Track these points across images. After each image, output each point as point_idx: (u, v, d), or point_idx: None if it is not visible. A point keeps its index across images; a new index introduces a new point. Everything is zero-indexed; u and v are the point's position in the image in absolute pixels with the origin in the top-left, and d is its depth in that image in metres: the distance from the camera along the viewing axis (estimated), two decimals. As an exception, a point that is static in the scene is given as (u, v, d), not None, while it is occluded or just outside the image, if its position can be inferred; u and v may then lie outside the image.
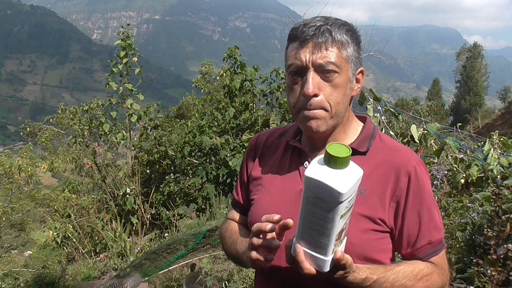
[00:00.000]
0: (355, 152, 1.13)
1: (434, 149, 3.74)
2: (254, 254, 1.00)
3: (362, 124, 1.20)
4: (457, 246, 2.51)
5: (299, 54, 1.05)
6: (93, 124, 9.68)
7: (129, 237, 5.74)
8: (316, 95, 1.05)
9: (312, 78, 1.04)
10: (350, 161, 0.88)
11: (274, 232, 0.98)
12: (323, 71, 1.05)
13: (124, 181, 6.81)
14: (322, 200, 0.86)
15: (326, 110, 1.07)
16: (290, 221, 0.95)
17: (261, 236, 0.99)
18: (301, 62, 1.05)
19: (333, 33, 1.05)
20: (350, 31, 1.09)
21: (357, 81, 1.13)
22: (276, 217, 0.97)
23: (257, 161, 1.27)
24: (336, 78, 1.06)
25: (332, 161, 0.86)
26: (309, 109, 1.07)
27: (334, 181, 0.84)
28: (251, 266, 1.08)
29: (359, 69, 1.12)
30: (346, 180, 0.85)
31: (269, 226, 0.97)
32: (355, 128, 1.18)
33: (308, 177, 0.87)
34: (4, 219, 8.29)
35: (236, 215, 1.34)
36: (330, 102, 1.06)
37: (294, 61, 1.06)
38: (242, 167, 1.33)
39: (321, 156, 0.90)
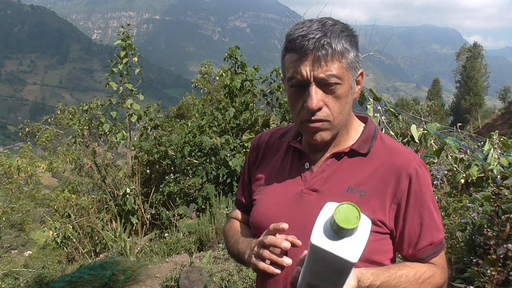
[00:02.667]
0: (356, 153, 1.13)
1: (434, 149, 3.74)
2: (262, 265, 1.04)
3: (363, 124, 1.20)
4: (457, 246, 2.51)
5: (300, 68, 1.03)
6: (93, 124, 9.69)
7: (129, 237, 5.74)
8: (319, 109, 1.04)
9: (315, 93, 1.03)
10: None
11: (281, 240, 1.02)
12: (326, 84, 1.03)
13: (124, 181, 6.81)
14: (333, 268, 0.81)
15: (330, 121, 1.06)
16: (299, 242, 1.01)
17: (270, 248, 1.03)
18: (302, 77, 1.03)
19: (333, 45, 1.01)
20: (349, 36, 1.06)
21: (357, 83, 1.12)
22: (284, 226, 1.01)
23: (259, 161, 1.28)
24: (338, 90, 1.04)
25: (342, 233, 0.79)
26: (313, 122, 1.06)
27: (346, 251, 0.78)
28: (254, 271, 1.10)
29: (359, 72, 1.11)
30: (357, 246, 0.80)
31: (284, 244, 1.00)
32: (356, 129, 1.18)
33: (316, 247, 0.80)
34: (4, 219, 8.29)
35: (238, 214, 1.35)
36: (333, 114, 1.06)
37: (295, 75, 1.04)
38: (244, 166, 1.34)
39: (325, 219, 0.83)
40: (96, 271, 3.37)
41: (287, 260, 1.01)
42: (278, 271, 1.02)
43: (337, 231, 0.80)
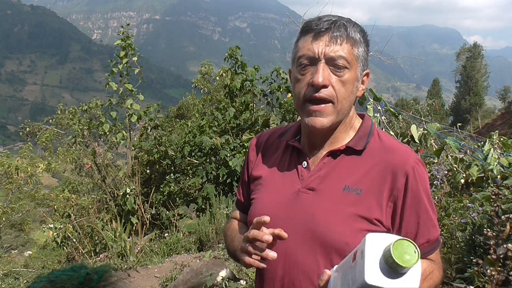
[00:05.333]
0: (352, 150, 1.13)
1: (434, 149, 3.74)
2: (247, 259, 1.02)
3: (361, 120, 1.20)
4: (457, 246, 2.51)
5: (312, 45, 1.06)
6: (93, 124, 9.70)
7: (129, 237, 5.74)
8: (325, 86, 1.05)
9: (323, 69, 1.05)
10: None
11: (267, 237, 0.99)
12: (334, 65, 1.05)
13: (124, 181, 6.81)
14: None
15: (333, 103, 1.07)
16: (285, 234, 0.98)
17: (256, 243, 1.00)
18: (313, 54, 1.06)
19: (348, 29, 1.06)
20: (362, 32, 1.10)
21: (362, 82, 1.13)
22: (266, 218, 0.98)
23: (257, 161, 1.28)
24: (345, 74, 1.06)
25: (400, 270, 0.75)
26: (316, 103, 1.07)
27: None
28: (244, 266, 1.09)
29: (366, 71, 1.13)
30: (414, 282, 0.76)
31: (266, 237, 0.98)
32: (355, 127, 1.18)
33: (370, 286, 0.76)
34: (4, 219, 8.29)
35: (238, 214, 1.36)
36: (338, 96, 1.07)
37: (306, 52, 1.07)
38: (244, 166, 1.35)
39: (374, 255, 0.78)
40: (68, 272, 3.42)
41: (271, 254, 1.00)
42: (263, 265, 1.02)
43: (394, 268, 0.75)
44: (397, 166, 1.08)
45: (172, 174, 7.06)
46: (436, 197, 2.88)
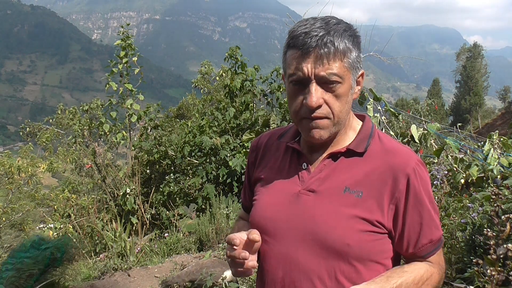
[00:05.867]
0: (353, 153, 1.13)
1: (434, 149, 3.75)
2: (233, 271, 1.13)
3: (361, 122, 1.20)
4: (457, 246, 2.51)
5: (301, 65, 1.03)
6: (93, 124, 9.70)
7: (129, 237, 5.73)
8: (319, 106, 1.04)
9: (315, 90, 1.03)
10: None
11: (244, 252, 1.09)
12: (326, 83, 1.03)
13: (124, 181, 6.81)
14: None
15: (329, 119, 1.07)
16: (256, 237, 1.08)
17: (236, 260, 1.10)
18: (303, 74, 1.03)
19: (336, 44, 1.02)
20: (352, 36, 1.06)
21: (358, 83, 1.12)
22: (237, 241, 1.09)
23: (258, 163, 1.29)
24: (339, 89, 1.05)
25: None
26: (312, 119, 1.06)
27: None
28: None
29: (360, 73, 1.11)
30: None
31: (242, 254, 1.08)
32: (354, 128, 1.18)
33: None
34: (4, 219, 8.29)
35: (243, 214, 1.41)
36: (333, 112, 1.06)
37: (296, 72, 1.04)
38: (246, 169, 1.36)
39: None
40: (31, 253, 3.37)
41: (251, 264, 1.10)
42: (250, 273, 1.12)
43: None
44: (398, 168, 1.08)
45: (172, 174, 7.05)
46: (436, 197, 2.88)
